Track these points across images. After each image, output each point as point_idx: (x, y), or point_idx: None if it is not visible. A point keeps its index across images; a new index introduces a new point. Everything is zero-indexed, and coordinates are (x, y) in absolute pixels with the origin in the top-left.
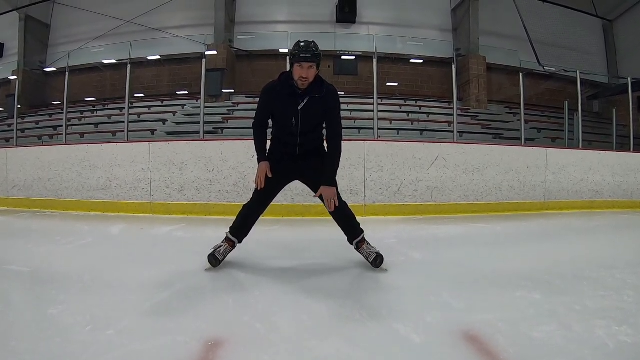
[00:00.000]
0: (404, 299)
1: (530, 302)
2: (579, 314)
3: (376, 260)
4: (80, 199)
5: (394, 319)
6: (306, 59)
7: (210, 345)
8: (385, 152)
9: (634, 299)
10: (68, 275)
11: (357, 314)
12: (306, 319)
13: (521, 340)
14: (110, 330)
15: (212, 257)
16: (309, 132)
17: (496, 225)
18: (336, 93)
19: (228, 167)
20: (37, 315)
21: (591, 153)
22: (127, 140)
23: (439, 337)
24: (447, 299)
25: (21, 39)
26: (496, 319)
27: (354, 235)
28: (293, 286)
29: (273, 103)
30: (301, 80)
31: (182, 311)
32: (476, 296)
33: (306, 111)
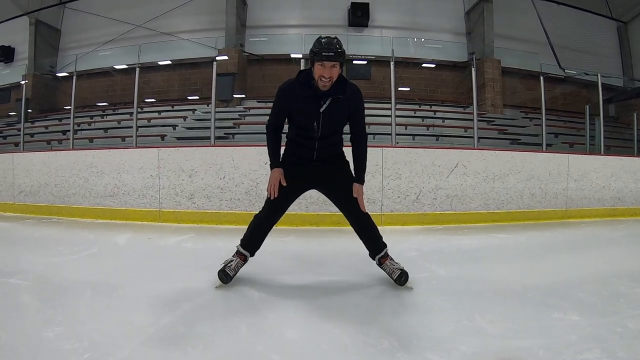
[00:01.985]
0: (434, 322)
1: (569, 324)
2: (621, 337)
3: (401, 277)
4: (87, 205)
5: (425, 348)
6: (329, 58)
7: None
8: (404, 159)
9: None
10: (69, 291)
11: (385, 341)
12: (327, 349)
13: None
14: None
15: (223, 273)
16: (330, 136)
17: (518, 236)
18: (360, 93)
19: (240, 174)
20: (31, 338)
21: (613, 159)
22: (136, 146)
23: None
24: (481, 323)
25: (31, 44)
26: (536, 345)
27: (377, 249)
28: (310, 307)
29: (291, 105)
30: (322, 80)
31: (190, 338)
32: (511, 318)
33: (328, 114)
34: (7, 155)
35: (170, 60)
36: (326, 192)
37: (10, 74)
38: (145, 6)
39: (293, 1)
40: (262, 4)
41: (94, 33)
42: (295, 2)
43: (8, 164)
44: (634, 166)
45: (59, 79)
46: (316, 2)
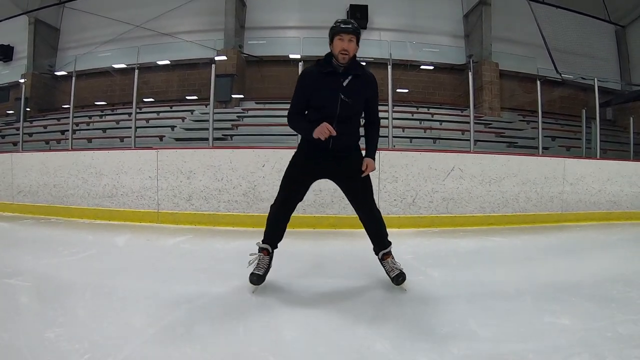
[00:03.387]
0: (427, 326)
1: (560, 329)
2: (611, 342)
3: (398, 277)
4: (85, 206)
5: (419, 351)
6: (347, 30)
7: None
8: (400, 162)
9: None
10: (69, 292)
11: (378, 344)
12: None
13: None
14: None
15: (253, 276)
16: (347, 120)
17: (514, 239)
18: (376, 81)
19: (237, 176)
20: (33, 339)
21: (609, 163)
22: (134, 147)
23: None
24: (473, 327)
25: (30, 43)
26: (526, 349)
27: (382, 245)
28: (307, 309)
29: (313, 85)
30: (342, 53)
31: (188, 339)
32: (503, 322)
33: (350, 90)
34: (6, 155)
35: (169, 60)
36: (340, 184)
37: (9, 73)
38: (144, 7)
39: (292, 3)
40: (261, 6)
41: (93, 33)
42: (294, 3)
43: (7, 164)
44: (630, 170)
45: (57, 78)
46: (315, 4)
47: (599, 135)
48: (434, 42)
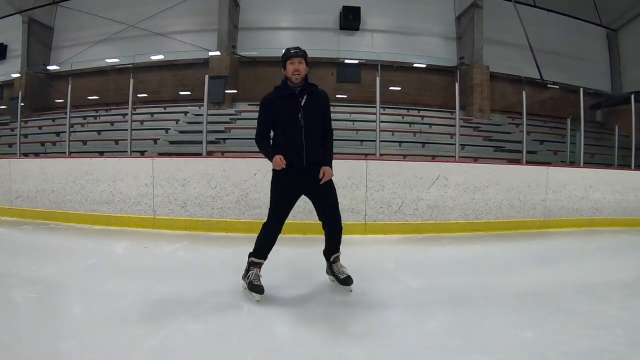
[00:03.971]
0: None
1: (522, 341)
2: (567, 356)
3: (347, 280)
4: (83, 211)
5: None
6: (296, 54)
7: None
8: (387, 172)
9: (623, 339)
10: (74, 303)
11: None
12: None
13: None
14: None
15: (255, 287)
16: (314, 134)
17: (495, 247)
18: (328, 96)
19: (230, 184)
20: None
21: (592, 171)
22: (130, 155)
23: None
24: (442, 338)
25: (24, 42)
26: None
27: (334, 250)
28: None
29: (274, 109)
30: (294, 74)
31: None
32: (470, 334)
33: (308, 106)
34: (4, 160)
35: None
36: (312, 198)
37: (3, 72)
38: (138, 6)
39: (285, 4)
40: (254, 6)
41: (87, 32)
42: (287, 4)
43: (5, 169)
44: (612, 178)
45: (52, 77)
46: (308, 5)
47: (582, 144)
48: (426, 43)
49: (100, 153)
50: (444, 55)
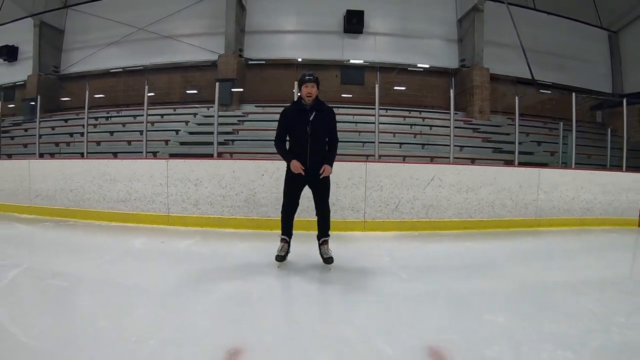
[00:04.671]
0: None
1: (493, 325)
2: (532, 338)
3: (328, 260)
4: (101, 209)
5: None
6: (310, 80)
7: (231, 353)
8: (385, 173)
9: (587, 326)
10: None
11: (349, 330)
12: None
13: (473, 357)
14: (152, 340)
15: (278, 257)
16: (318, 142)
17: (485, 244)
18: (334, 112)
19: (239, 184)
20: (88, 327)
21: (583, 173)
22: (146, 157)
23: (408, 351)
24: (422, 320)
25: (36, 45)
26: (460, 339)
27: (325, 234)
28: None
29: (289, 119)
30: (307, 96)
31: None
32: (448, 318)
33: (315, 121)
34: (24, 161)
35: (172, 62)
36: (311, 188)
37: (14, 73)
38: (146, 10)
39: (290, 8)
40: (260, 10)
41: (97, 35)
42: (293, 8)
43: (24, 170)
44: (604, 180)
45: (62, 79)
46: (313, 9)
47: (574, 145)
48: (428, 46)
49: (114, 154)
50: (446, 57)
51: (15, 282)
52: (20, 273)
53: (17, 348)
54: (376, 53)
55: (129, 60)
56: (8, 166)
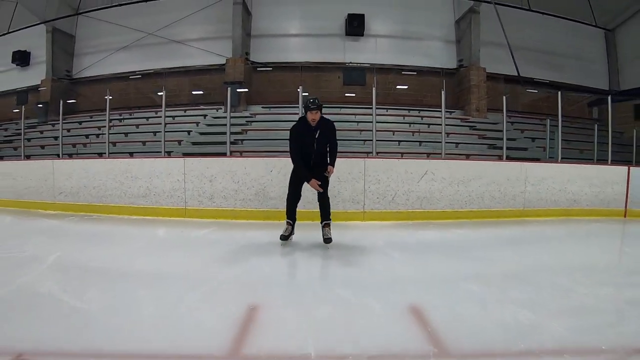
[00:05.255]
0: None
1: (466, 291)
2: (498, 301)
3: (327, 240)
4: (123, 204)
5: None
6: (314, 108)
7: (251, 308)
8: (382, 168)
9: (550, 294)
10: (137, 268)
11: (346, 291)
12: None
13: (447, 313)
14: (187, 301)
15: (282, 237)
16: (320, 151)
17: (473, 232)
18: (334, 125)
19: (250, 179)
20: (129, 296)
21: (569, 166)
22: (164, 156)
23: (393, 308)
24: (407, 286)
25: (49, 50)
26: (436, 299)
27: (324, 218)
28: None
29: (299, 135)
30: (312, 120)
31: (232, 290)
32: (429, 286)
33: (319, 137)
34: (47, 161)
35: (181, 66)
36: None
37: (27, 77)
38: (155, 16)
39: (294, 12)
40: (265, 15)
41: (107, 40)
42: (296, 13)
43: (48, 169)
44: (590, 173)
45: (74, 82)
46: (316, 13)
47: (560, 140)
48: (427, 47)
49: (131, 154)
50: (444, 58)
51: (57, 264)
52: (59, 257)
53: (70, 311)
54: (377, 55)
55: (139, 64)
56: (32, 166)
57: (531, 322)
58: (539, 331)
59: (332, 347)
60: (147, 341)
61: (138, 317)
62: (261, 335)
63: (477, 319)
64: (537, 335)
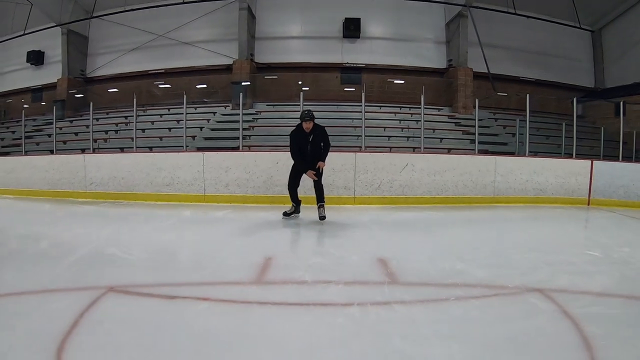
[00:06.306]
0: (358, 245)
1: (423, 250)
2: (443, 257)
3: (321, 218)
4: (149, 192)
5: (349, 250)
6: (307, 119)
7: (267, 258)
8: (370, 160)
9: (486, 255)
10: (174, 237)
11: (334, 249)
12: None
13: (403, 263)
14: (220, 256)
15: (285, 213)
16: (314, 150)
17: (445, 213)
18: (325, 130)
19: (259, 170)
20: (171, 258)
21: (535, 160)
22: (185, 150)
23: (366, 258)
24: (379, 247)
25: (64, 51)
26: (398, 254)
27: (320, 200)
28: (302, 239)
29: (296, 138)
30: (307, 128)
31: (252, 248)
32: (395, 248)
33: (313, 142)
34: (79, 156)
35: (190, 66)
36: None
37: (41, 76)
38: (165, 19)
39: (295, 17)
40: (269, 19)
41: (119, 41)
42: (297, 17)
43: (80, 162)
44: (555, 165)
45: (89, 81)
46: (315, 18)
47: (528, 135)
48: (419, 48)
49: (150, 148)
50: (435, 58)
51: (108, 236)
52: (108, 231)
53: (139, 261)
54: (372, 55)
55: (150, 64)
56: (64, 160)
57: (462, 269)
58: (465, 274)
59: (321, 278)
60: (201, 277)
61: (190, 264)
62: (275, 272)
63: (423, 266)
64: (463, 276)
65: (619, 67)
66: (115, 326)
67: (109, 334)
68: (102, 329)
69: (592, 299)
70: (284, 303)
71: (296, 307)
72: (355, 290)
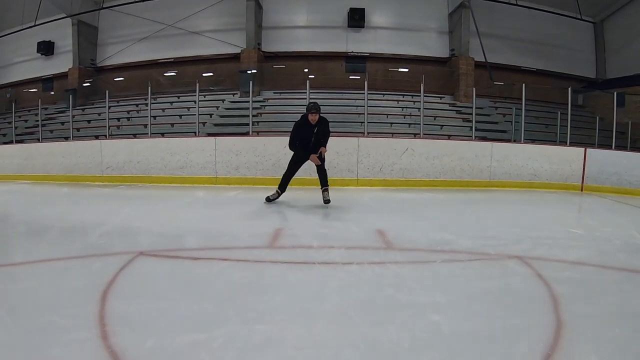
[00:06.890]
0: (360, 217)
1: (418, 225)
2: (435, 230)
3: (326, 202)
4: (163, 175)
5: (351, 223)
6: (314, 111)
7: (277, 229)
8: (372, 145)
9: (475, 229)
10: (191, 213)
11: (338, 222)
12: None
13: (399, 233)
14: (234, 227)
15: (267, 199)
16: (317, 140)
17: (443, 195)
18: (328, 121)
19: (268, 154)
20: (192, 227)
21: (530, 146)
22: (197, 135)
23: (365, 229)
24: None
25: (75, 41)
26: (395, 226)
27: (324, 184)
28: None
29: (300, 131)
30: (312, 121)
31: (263, 221)
32: (393, 221)
33: (317, 133)
34: (95, 142)
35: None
36: None
37: (51, 66)
38: (173, 9)
39: (301, 6)
40: (275, 9)
41: (128, 31)
42: (303, 7)
43: (96, 148)
44: (549, 152)
45: (100, 70)
46: (321, 8)
47: (523, 123)
48: (422, 37)
49: (162, 134)
50: (438, 48)
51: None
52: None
53: (163, 230)
54: (376, 45)
55: (159, 53)
56: (81, 146)
57: (451, 239)
58: (453, 244)
59: (326, 244)
60: (219, 243)
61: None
62: (285, 239)
63: (416, 237)
64: (451, 245)
65: (620, 59)
66: (150, 280)
67: (145, 285)
68: (138, 281)
69: (566, 266)
70: (294, 262)
71: (304, 265)
72: (355, 253)
